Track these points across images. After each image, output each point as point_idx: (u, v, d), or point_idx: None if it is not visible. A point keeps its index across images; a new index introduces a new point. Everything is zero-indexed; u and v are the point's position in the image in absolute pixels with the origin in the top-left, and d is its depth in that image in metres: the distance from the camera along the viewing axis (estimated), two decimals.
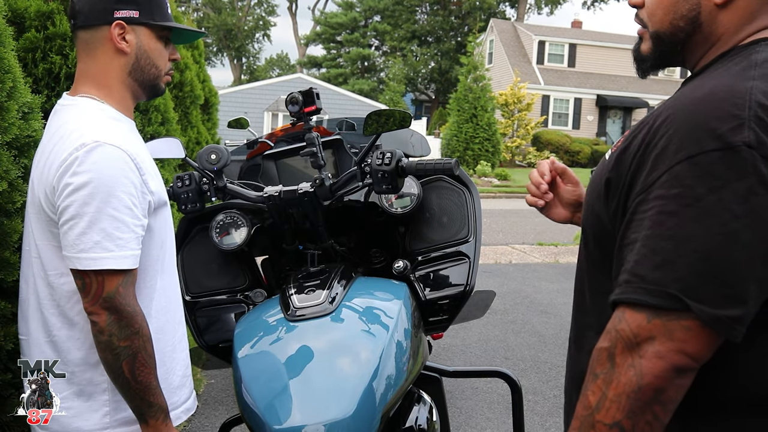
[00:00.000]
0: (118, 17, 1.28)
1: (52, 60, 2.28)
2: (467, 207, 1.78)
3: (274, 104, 22.03)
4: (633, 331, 0.82)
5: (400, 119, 1.66)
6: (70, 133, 1.20)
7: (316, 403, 1.23)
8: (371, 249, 1.88)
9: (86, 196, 1.15)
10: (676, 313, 0.80)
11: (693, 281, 0.79)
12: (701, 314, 0.78)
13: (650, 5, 1.00)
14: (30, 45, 2.27)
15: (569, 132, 24.53)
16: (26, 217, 1.32)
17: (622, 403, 0.82)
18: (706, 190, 0.79)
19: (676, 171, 0.81)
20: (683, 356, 0.80)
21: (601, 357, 0.86)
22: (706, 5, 0.93)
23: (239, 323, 1.57)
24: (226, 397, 3.37)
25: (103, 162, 1.17)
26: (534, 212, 12.27)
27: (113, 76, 1.31)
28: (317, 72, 40.94)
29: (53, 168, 1.18)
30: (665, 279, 0.80)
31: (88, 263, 1.15)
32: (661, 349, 0.80)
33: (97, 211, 1.15)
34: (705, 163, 0.79)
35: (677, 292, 0.79)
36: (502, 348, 4.30)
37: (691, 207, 0.79)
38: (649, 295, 0.81)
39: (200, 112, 5.19)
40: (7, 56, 1.59)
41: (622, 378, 0.82)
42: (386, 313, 1.46)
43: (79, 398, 1.25)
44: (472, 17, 35.84)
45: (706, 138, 0.80)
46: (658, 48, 1.01)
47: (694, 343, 0.80)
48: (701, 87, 0.88)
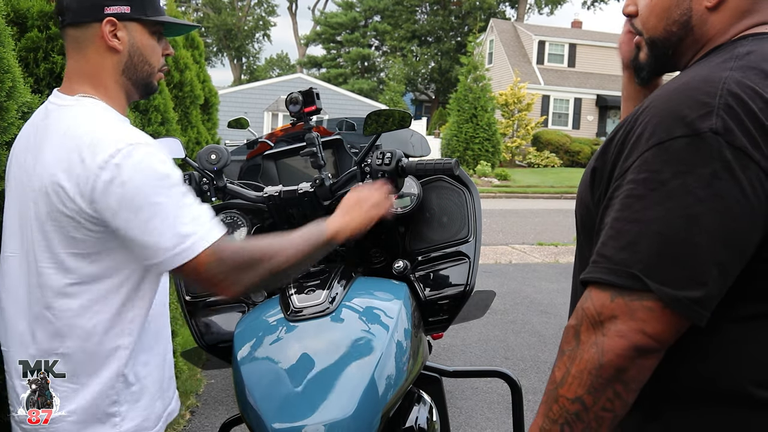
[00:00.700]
0: (109, 13, 1.21)
1: (54, 60, 2.28)
2: (467, 207, 1.78)
3: (274, 104, 22.03)
4: (597, 309, 0.84)
5: (400, 119, 1.66)
6: (94, 140, 1.12)
7: (316, 403, 1.23)
8: (371, 249, 1.88)
9: (143, 200, 1.10)
10: (638, 293, 0.81)
11: (654, 262, 0.81)
12: (662, 295, 0.80)
13: (643, 13, 1.02)
14: (32, 45, 2.27)
15: (569, 132, 24.54)
16: (11, 223, 1.24)
17: (584, 379, 0.83)
18: (672, 174, 0.81)
19: (646, 156, 0.83)
20: (644, 336, 0.81)
21: (568, 334, 0.88)
22: (697, 9, 0.95)
23: (239, 323, 1.57)
24: (226, 397, 3.37)
25: (148, 160, 1.12)
26: (534, 212, 12.33)
27: (107, 75, 1.25)
28: (317, 72, 40.95)
29: (83, 176, 1.11)
30: (629, 260, 0.82)
31: (184, 257, 1.12)
32: (622, 328, 0.82)
33: (163, 209, 1.12)
34: (672, 148, 0.81)
35: (639, 273, 0.81)
36: (502, 348, 4.30)
37: (656, 191, 0.81)
38: (613, 275, 0.83)
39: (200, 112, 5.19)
40: (7, 56, 1.59)
41: (585, 355, 0.84)
42: (386, 313, 1.47)
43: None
44: (472, 17, 35.85)
45: (675, 125, 0.82)
46: (653, 54, 1.03)
47: (655, 323, 0.81)
48: (680, 78, 0.91)
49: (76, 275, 1.17)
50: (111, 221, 1.13)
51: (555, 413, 0.87)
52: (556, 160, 22.02)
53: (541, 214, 12.25)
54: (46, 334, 1.18)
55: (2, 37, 1.59)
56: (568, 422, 0.85)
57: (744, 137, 0.79)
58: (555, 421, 0.87)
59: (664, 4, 0.98)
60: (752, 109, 0.80)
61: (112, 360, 1.20)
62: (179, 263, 1.13)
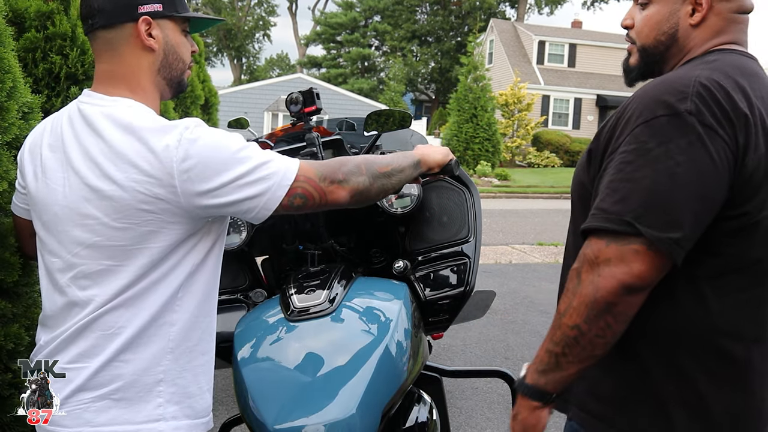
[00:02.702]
0: (143, 12, 1.18)
1: (53, 60, 2.28)
2: (467, 207, 1.78)
3: (274, 104, 22.04)
4: (594, 253, 1.03)
5: (400, 119, 1.66)
6: (157, 127, 1.11)
7: (316, 403, 1.23)
8: (371, 249, 1.88)
9: (221, 152, 1.10)
10: (627, 238, 1.00)
11: (643, 211, 1.00)
12: (649, 235, 0.99)
13: (639, 25, 1.24)
14: (30, 45, 2.26)
15: (569, 132, 24.54)
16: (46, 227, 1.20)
17: (581, 310, 1.03)
18: (656, 144, 1.02)
19: (636, 132, 1.04)
20: (631, 276, 1.00)
21: (571, 275, 1.07)
22: (683, 24, 1.19)
23: (239, 323, 1.57)
24: (226, 397, 3.37)
25: (212, 129, 1.14)
26: (534, 212, 12.32)
27: (144, 76, 1.22)
28: (317, 72, 40.95)
29: (158, 165, 1.08)
30: (623, 210, 1.01)
31: (285, 182, 1.14)
32: (614, 270, 1.00)
33: (250, 153, 1.13)
34: (657, 124, 1.03)
35: (631, 219, 1.00)
36: (502, 348, 4.30)
37: (643, 156, 1.02)
38: (609, 222, 1.02)
39: (200, 112, 5.19)
40: (7, 56, 1.59)
41: (583, 291, 1.03)
42: (386, 313, 1.47)
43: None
44: (472, 17, 35.86)
45: (658, 107, 1.04)
46: (643, 59, 1.25)
47: (641, 264, 1.00)
48: (660, 77, 1.15)
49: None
50: (196, 195, 1.10)
51: (557, 337, 1.07)
52: (556, 160, 22.03)
53: (541, 214, 12.25)
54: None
55: (2, 37, 1.59)
56: (567, 344, 1.05)
57: (711, 117, 1.01)
58: (557, 344, 1.06)
59: (657, 18, 1.21)
60: (717, 97, 1.03)
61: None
62: (284, 192, 1.15)
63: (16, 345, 1.54)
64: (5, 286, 1.57)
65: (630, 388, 1.12)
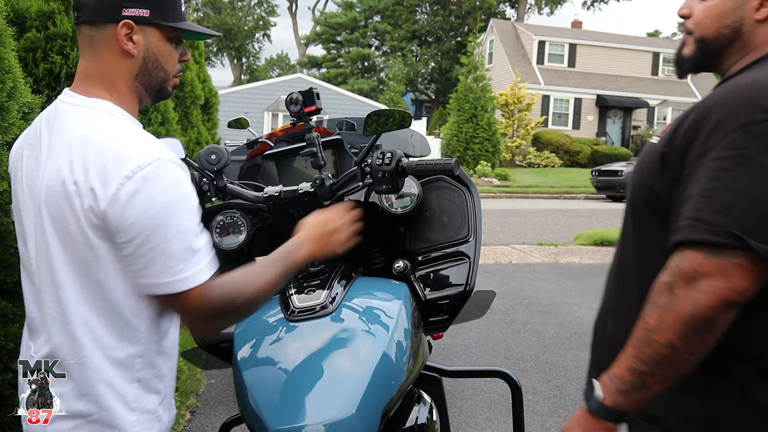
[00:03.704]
0: (127, 15, 1.15)
1: (53, 60, 2.28)
2: (467, 207, 1.78)
3: (274, 104, 22.03)
4: (693, 267, 0.97)
5: (400, 119, 1.66)
6: (120, 148, 1.09)
7: (317, 403, 1.23)
8: (371, 249, 1.88)
9: (164, 218, 1.07)
10: (731, 252, 0.95)
11: (750, 224, 0.95)
12: (760, 250, 0.93)
13: (698, 15, 1.17)
14: (31, 45, 2.27)
15: (569, 132, 24.54)
16: (30, 221, 1.19)
17: (677, 327, 0.97)
18: (758, 150, 0.96)
19: (731, 137, 0.98)
20: (733, 292, 0.95)
21: (661, 289, 1.01)
22: (749, 19, 1.12)
23: (239, 323, 1.57)
24: (226, 397, 3.37)
25: (171, 178, 1.09)
26: (534, 212, 12.33)
27: (120, 80, 1.20)
28: (317, 72, 40.94)
29: (103, 184, 1.07)
30: (727, 221, 0.95)
31: (182, 285, 1.10)
32: (715, 284, 0.95)
33: (178, 232, 1.09)
34: (756, 130, 0.97)
35: (739, 232, 0.94)
36: (502, 348, 4.30)
37: (745, 164, 0.96)
38: (712, 235, 0.96)
39: (200, 112, 5.19)
40: (8, 56, 1.59)
41: (679, 306, 0.97)
42: (386, 313, 1.47)
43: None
44: (472, 17, 35.86)
45: (755, 111, 0.98)
46: (700, 51, 1.18)
47: (743, 279, 0.95)
48: (743, 78, 1.07)
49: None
50: (118, 233, 1.08)
51: (646, 355, 1.00)
52: (556, 160, 22.03)
53: (541, 214, 12.25)
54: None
55: (3, 38, 1.59)
56: (657, 363, 0.99)
57: None
58: (645, 362, 1.00)
59: (720, 10, 1.14)
60: None
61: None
62: (177, 290, 1.10)
63: (16, 345, 1.54)
64: (5, 286, 1.58)
65: (725, 407, 1.05)
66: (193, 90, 4.71)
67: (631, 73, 26.79)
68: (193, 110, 4.78)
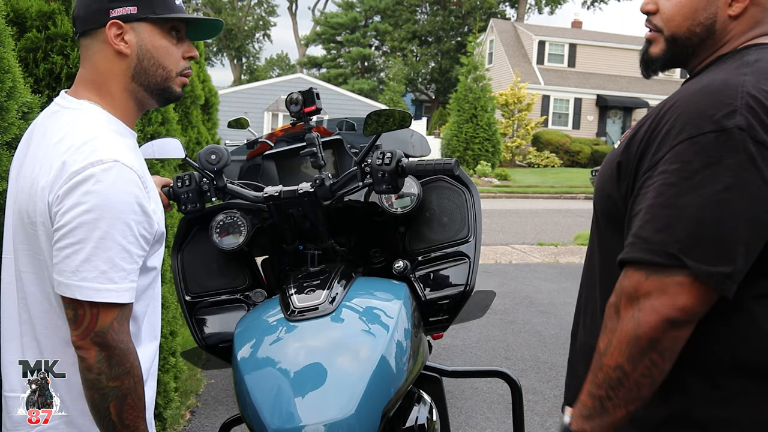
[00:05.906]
0: (114, 16, 1.15)
1: (54, 60, 2.28)
2: (467, 207, 1.78)
3: (274, 104, 22.03)
4: (634, 287, 0.95)
5: (400, 119, 1.66)
6: (82, 143, 1.08)
7: (316, 403, 1.23)
8: (371, 249, 1.88)
9: (96, 219, 1.04)
10: (670, 271, 0.92)
11: (690, 242, 0.91)
12: (697, 270, 0.90)
13: (668, 12, 1.10)
14: (31, 45, 2.26)
15: (569, 132, 24.53)
16: (7, 224, 1.19)
17: (623, 349, 0.95)
18: (702, 164, 0.91)
19: (677, 149, 0.94)
20: (675, 310, 0.92)
21: (609, 311, 0.99)
22: (722, 15, 1.05)
23: (239, 323, 1.57)
24: (226, 397, 3.37)
25: (121, 184, 1.06)
26: (534, 212, 12.32)
27: (115, 83, 1.19)
28: (317, 72, 40.93)
29: (57, 177, 1.07)
30: (666, 240, 0.92)
31: (89, 294, 1.05)
32: (656, 303, 0.92)
33: (107, 238, 1.05)
34: (702, 142, 0.92)
35: (677, 252, 0.91)
36: (502, 348, 4.30)
37: (688, 179, 0.92)
38: (651, 254, 0.93)
39: (200, 112, 5.19)
40: (7, 56, 1.59)
41: (624, 327, 0.95)
42: (386, 313, 1.47)
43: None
44: (472, 17, 35.85)
45: (703, 122, 0.92)
46: (671, 50, 1.12)
47: (685, 297, 0.91)
48: (700, 81, 1.02)
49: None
50: (54, 223, 1.07)
51: (600, 379, 0.98)
52: (556, 160, 22.02)
53: (541, 214, 12.24)
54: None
55: (2, 37, 1.59)
56: (611, 387, 0.96)
57: (764, 133, 0.90)
58: (600, 386, 0.98)
59: (692, 6, 1.07)
60: None
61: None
62: (80, 297, 1.05)
63: None
64: None
65: (680, 419, 1.02)
66: (193, 90, 4.70)
67: (631, 73, 26.75)
68: (193, 110, 4.78)
